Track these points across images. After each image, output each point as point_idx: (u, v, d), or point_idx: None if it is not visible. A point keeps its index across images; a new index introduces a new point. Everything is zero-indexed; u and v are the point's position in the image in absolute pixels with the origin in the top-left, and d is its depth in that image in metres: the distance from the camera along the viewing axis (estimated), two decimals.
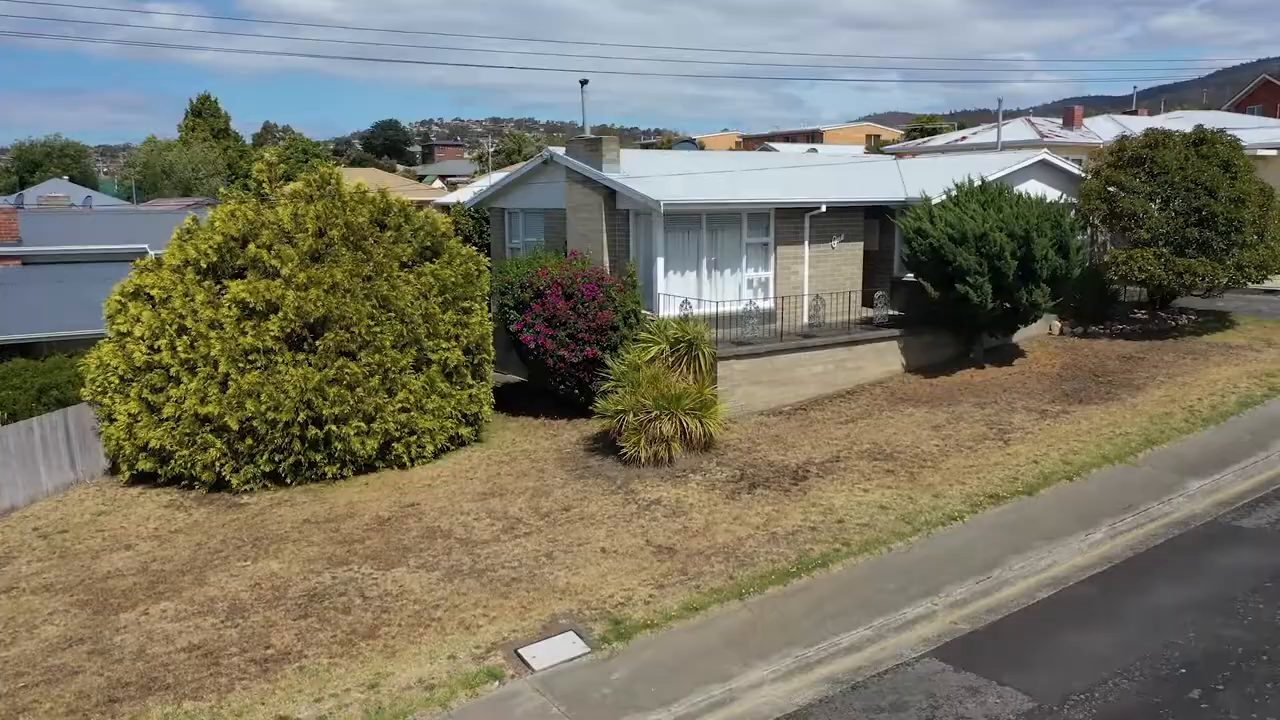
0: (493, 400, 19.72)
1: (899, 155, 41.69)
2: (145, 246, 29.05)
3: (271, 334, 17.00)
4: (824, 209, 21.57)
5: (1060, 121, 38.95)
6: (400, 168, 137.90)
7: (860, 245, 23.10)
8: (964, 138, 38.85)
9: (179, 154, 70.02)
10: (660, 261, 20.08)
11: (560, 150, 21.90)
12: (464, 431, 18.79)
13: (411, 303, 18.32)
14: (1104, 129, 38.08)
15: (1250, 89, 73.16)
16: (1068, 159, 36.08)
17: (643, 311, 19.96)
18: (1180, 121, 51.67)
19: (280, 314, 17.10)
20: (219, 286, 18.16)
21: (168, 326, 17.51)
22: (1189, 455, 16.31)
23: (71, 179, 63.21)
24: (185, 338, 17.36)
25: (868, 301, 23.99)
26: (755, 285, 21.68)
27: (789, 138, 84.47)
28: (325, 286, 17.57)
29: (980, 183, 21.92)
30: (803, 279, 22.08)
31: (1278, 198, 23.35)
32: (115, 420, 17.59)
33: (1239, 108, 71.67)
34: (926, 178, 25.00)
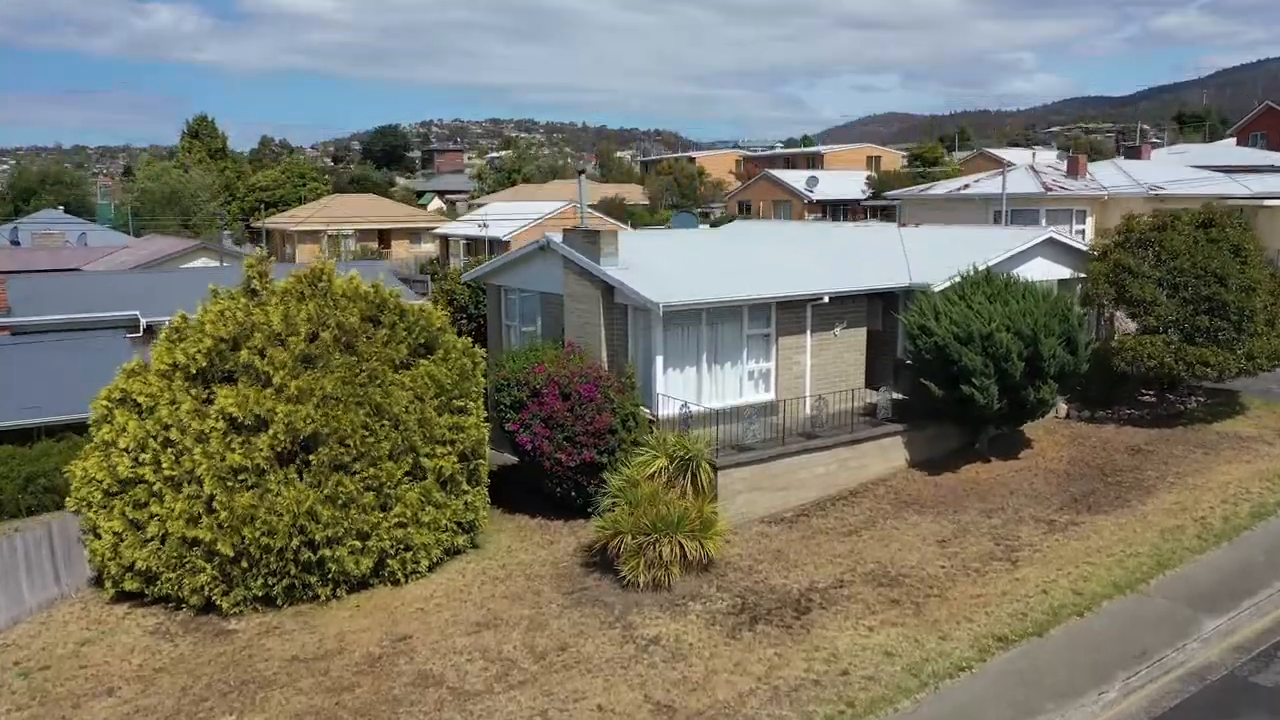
0: (488, 501, 19.29)
1: (901, 200, 41.31)
2: (137, 314, 28.70)
3: (262, 453, 16.59)
4: (826, 299, 21.15)
5: (1064, 169, 38.52)
6: (401, 181, 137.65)
7: (863, 330, 22.67)
8: (965, 185, 38.45)
9: (177, 178, 69.59)
10: (659, 360, 19.66)
11: (557, 237, 21.47)
12: (459, 540, 18.36)
13: (406, 408, 17.90)
14: (1108, 177, 37.72)
15: (1253, 115, 72.68)
16: (1073, 227, 35.76)
17: (641, 410, 19.55)
18: (1185, 158, 51.42)
19: (271, 432, 16.68)
20: (208, 392, 17.75)
21: (152, 439, 17.09)
22: (1202, 582, 15.88)
23: (66, 208, 62.77)
24: (170, 451, 16.94)
25: (871, 383, 23.59)
26: (756, 377, 21.26)
27: (790, 161, 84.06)
28: (317, 399, 17.15)
29: (986, 272, 21.48)
30: (805, 368, 21.65)
31: None
32: (100, 536, 17.18)
33: (1241, 134, 71.29)
34: (930, 248, 24.62)
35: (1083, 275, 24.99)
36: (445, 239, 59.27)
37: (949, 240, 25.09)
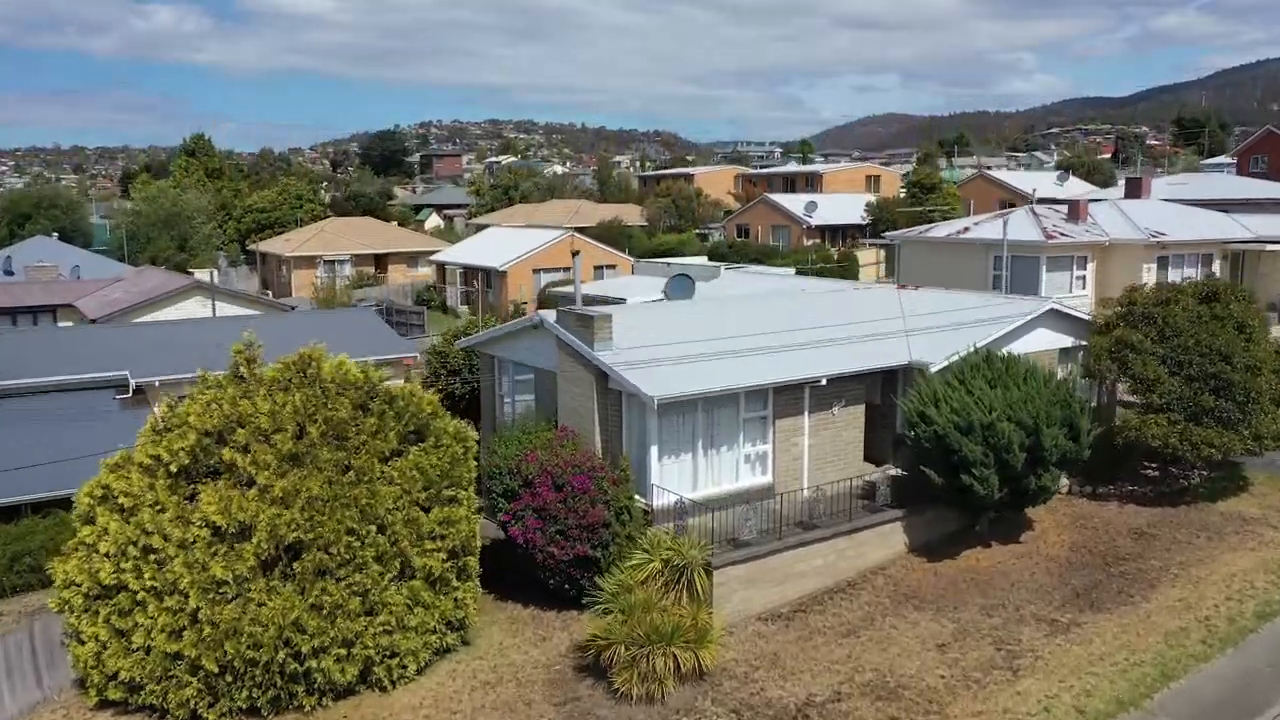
0: (479, 591, 18.92)
1: (900, 241, 40.93)
2: (126, 374, 28.29)
3: (246, 563, 16.24)
4: (824, 381, 20.80)
5: (1064, 212, 38.14)
6: (399, 193, 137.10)
7: (861, 408, 22.34)
8: (966, 229, 38.05)
9: (173, 199, 69.20)
10: (654, 449, 19.31)
11: (551, 316, 21.12)
12: (449, 639, 18.01)
13: (393, 508, 17.54)
14: (1109, 220, 37.35)
15: (1254, 139, 72.51)
16: (1074, 273, 35.44)
17: (636, 500, 19.21)
18: (1185, 190, 51.04)
19: (255, 541, 16.33)
20: (192, 488, 17.40)
21: (134, 546, 16.72)
22: (1207, 696, 15.55)
23: (61, 235, 62.36)
24: (153, 558, 16.59)
25: (871, 456, 23.27)
26: (753, 460, 20.92)
27: (789, 181, 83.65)
28: (302, 501, 16.79)
29: (986, 353, 21.14)
30: (803, 449, 21.32)
31: None
32: (84, 642, 16.83)
33: (1242, 156, 71.10)
34: (931, 310, 24.28)
35: (1084, 343, 24.70)
36: (442, 266, 58.87)
37: (949, 309, 24.71)
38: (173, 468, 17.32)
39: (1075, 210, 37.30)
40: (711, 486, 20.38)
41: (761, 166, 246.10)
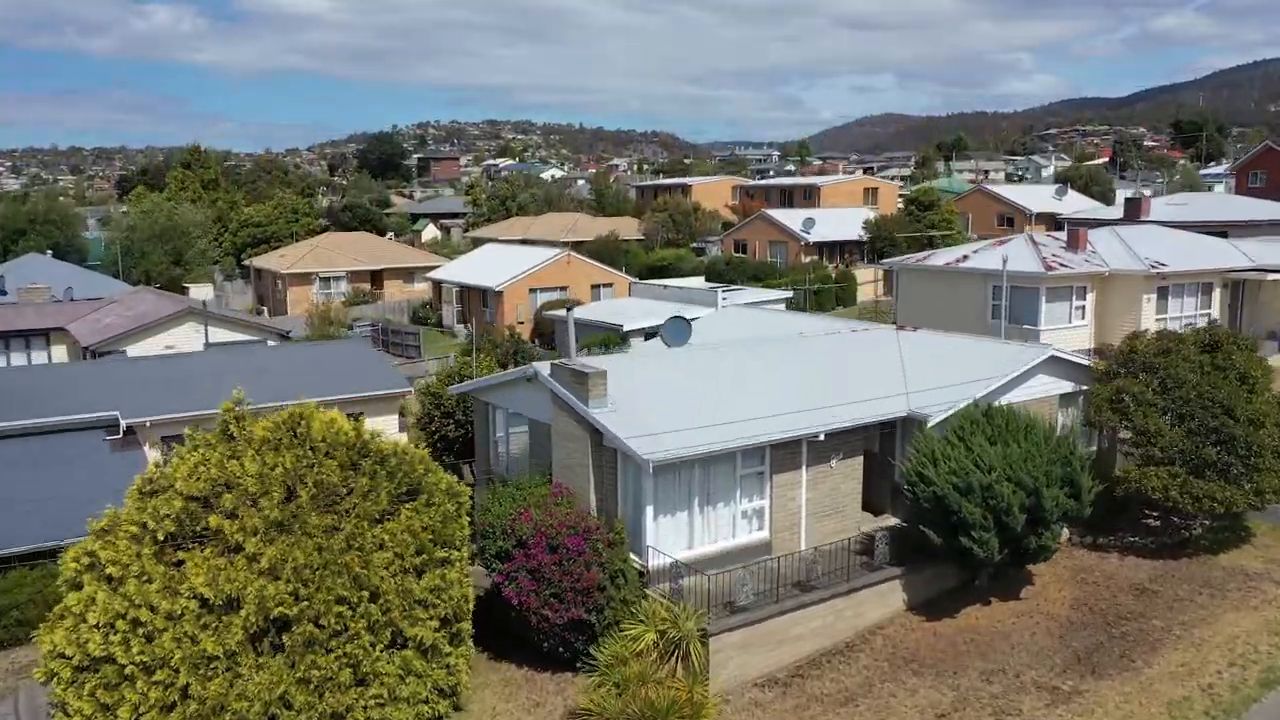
0: (472, 655, 18.65)
1: (899, 268, 40.67)
2: (116, 414, 27.95)
3: (235, 637, 15.95)
4: (822, 436, 20.55)
5: (1064, 240, 37.90)
6: (397, 201, 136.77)
7: (860, 459, 22.07)
8: (965, 257, 37.77)
9: (168, 213, 68.86)
10: (649, 510, 19.05)
11: (545, 369, 20.83)
12: (441, 707, 17.71)
13: (385, 575, 17.26)
14: (1108, 249, 37.10)
15: (1253, 154, 72.38)
16: (1073, 303, 35.17)
17: (631, 561, 18.96)
18: (1184, 211, 50.83)
19: (243, 614, 16.04)
20: (178, 554, 17.12)
21: (122, 618, 16.43)
22: None
23: (55, 251, 62.03)
24: (141, 631, 16.30)
25: (869, 503, 23.02)
26: (750, 515, 20.66)
27: (786, 194, 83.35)
28: (290, 572, 16.51)
29: (986, 408, 20.88)
30: (800, 503, 21.06)
31: None
32: (70, 716, 16.53)
33: (1242, 171, 70.93)
34: (929, 365, 24.01)
35: (1084, 387, 24.46)
36: (439, 285, 58.57)
37: (948, 354, 24.45)
38: (159, 535, 17.03)
39: (1074, 239, 37.06)
40: (708, 543, 20.12)
41: (759, 171, 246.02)
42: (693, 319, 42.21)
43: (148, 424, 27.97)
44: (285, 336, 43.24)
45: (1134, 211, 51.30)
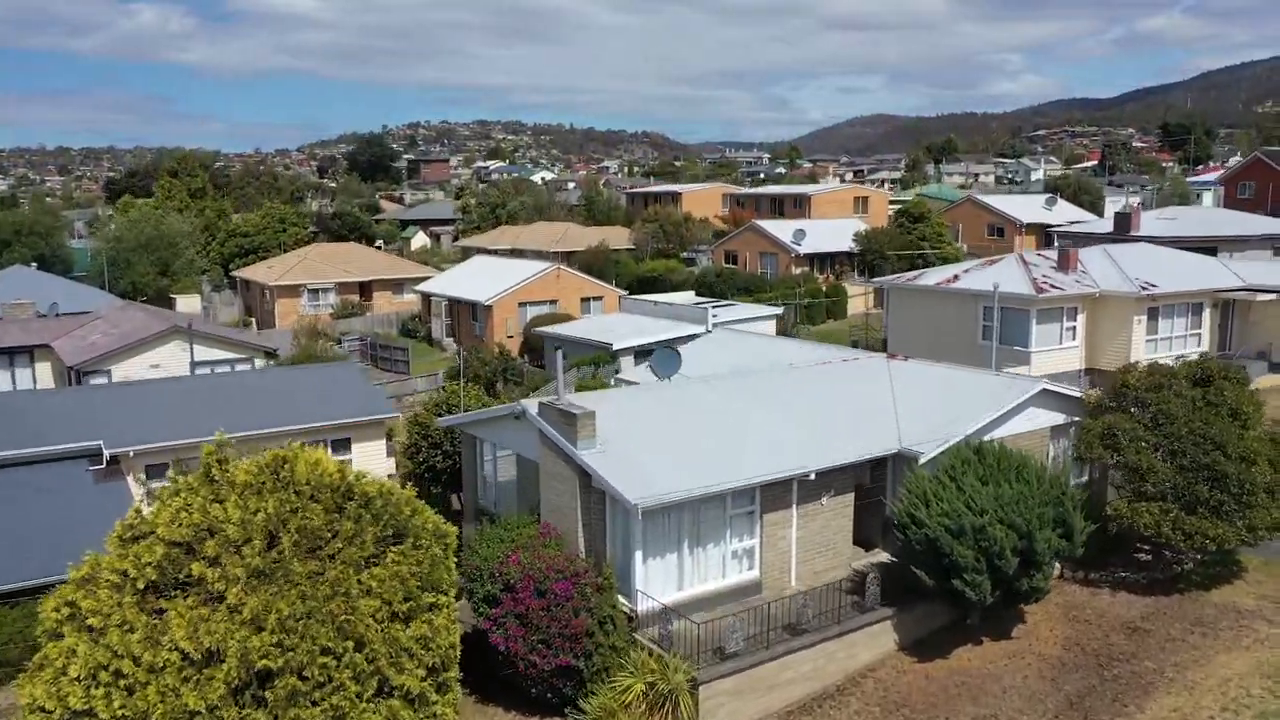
0: (459, 699, 18.42)
1: (889, 287, 40.56)
2: (100, 444, 27.59)
3: (218, 692, 15.70)
4: (813, 476, 20.38)
5: (1054, 260, 37.81)
6: (386, 207, 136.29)
7: (850, 495, 21.91)
8: (956, 277, 37.66)
9: (155, 223, 68.37)
10: (639, 554, 18.84)
11: (533, 408, 20.60)
12: None
13: (371, 623, 17.02)
14: (1098, 269, 37.03)
15: (1242, 164, 72.62)
16: (1064, 324, 35.08)
17: (620, 604, 18.76)
18: (1174, 225, 50.87)
19: (225, 667, 15.79)
20: (160, 601, 16.86)
21: (104, 670, 16.17)
22: None
23: (40, 263, 61.52)
24: (123, 683, 16.04)
25: (860, 538, 22.87)
26: (740, 555, 20.48)
27: (776, 203, 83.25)
28: (273, 623, 16.26)
29: (978, 445, 20.74)
30: (791, 542, 20.89)
31: None
32: None
33: (1231, 182, 71.10)
34: (921, 397, 23.90)
35: (1076, 418, 24.36)
36: (428, 297, 58.26)
37: (940, 386, 24.31)
38: (139, 584, 16.77)
39: (1065, 259, 36.98)
40: (698, 584, 19.94)
41: (749, 174, 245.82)
42: (684, 339, 42.09)
43: (131, 454, 27.66)
44: (272, 355, 42.90)
45: (1124, 226, 51.32)
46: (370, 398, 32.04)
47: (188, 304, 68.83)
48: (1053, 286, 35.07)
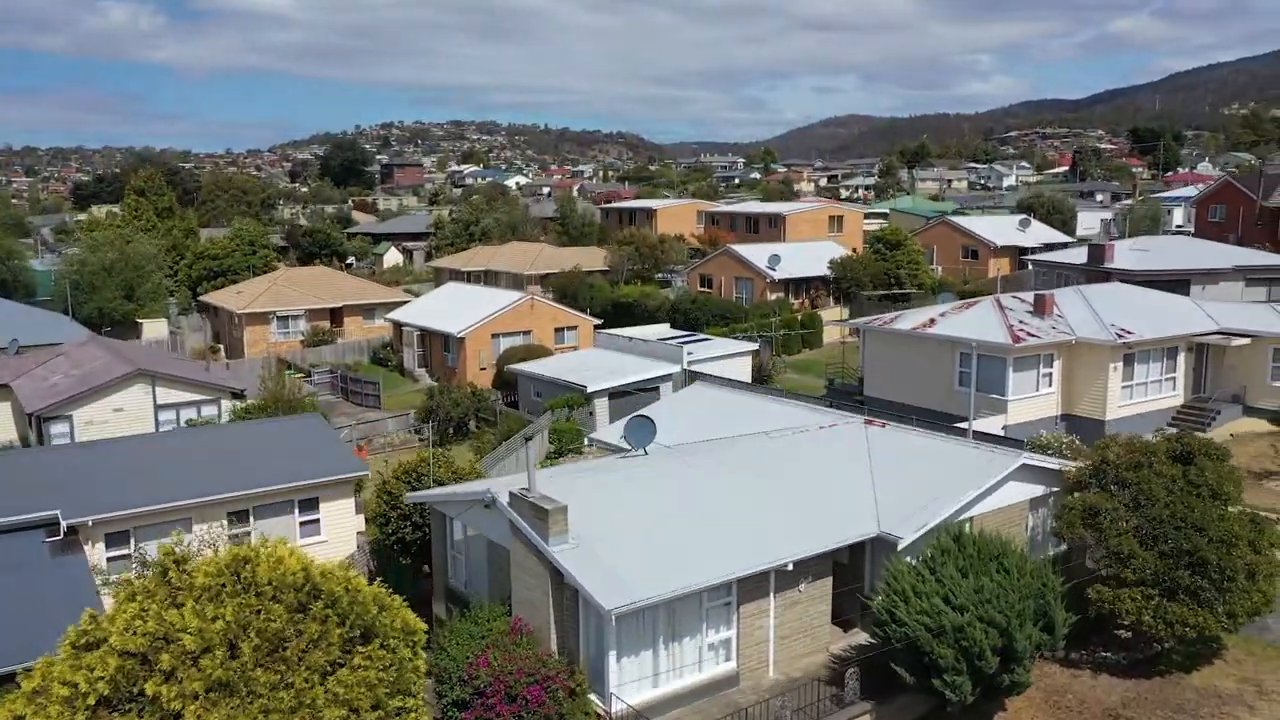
0: None
1: (865, 331, 40.27)
2: (56, 513, 26.68)
3: None
4: (790, 566, 19.97)
5: (1030, 303, 37.66)
6: (358, 219, 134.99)
7: (829, 579, 21.50)
8: (932, 320, 37.41)
9: (119, 247, 67.08)
10: (612, 655, 18.33)
11: (504, 497, 20.02)
12: None
13: None
14: (1075, 315, 36.94)
15: (1212, 188, 73.05)
16: (1040, 371, 34.91)
17: (592, 702, 18.27)
18: (1147, 259, 50.94)
19: None
20: (113, 719, 16.20)
21: None
22: None
23: (1, 290, 60.18)
24: None
25: (838, 616, 22.49)
26: (717, 646, 20.01)
27: (752, 222, 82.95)
28: None
29: (958, 532, 20.41)
30: (769, 631, 20.45)
31: (1266, 529, 22.00)
32: None
33: (1203, 205, 71.50)
34: (898, 471, 23.56)
35: (1055, 489, 24.15)
36: (399, 326, 57.47)
37: (918, 459, 23.93)
38: (90, 699, 16.11)
39: (1041, 305, 36.84)
40: (674, 679, 19.46)
41: (724, 179, 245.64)
42: (658, 380, 41.64)
43: (90, 523, 26.77)
44: (239, 395, 42.06)
45: (1098, 257, 51.42)
46: (338, 455, 31.31)
47: (154, 329, 67.70)
48: (1029, 334, 34.90)
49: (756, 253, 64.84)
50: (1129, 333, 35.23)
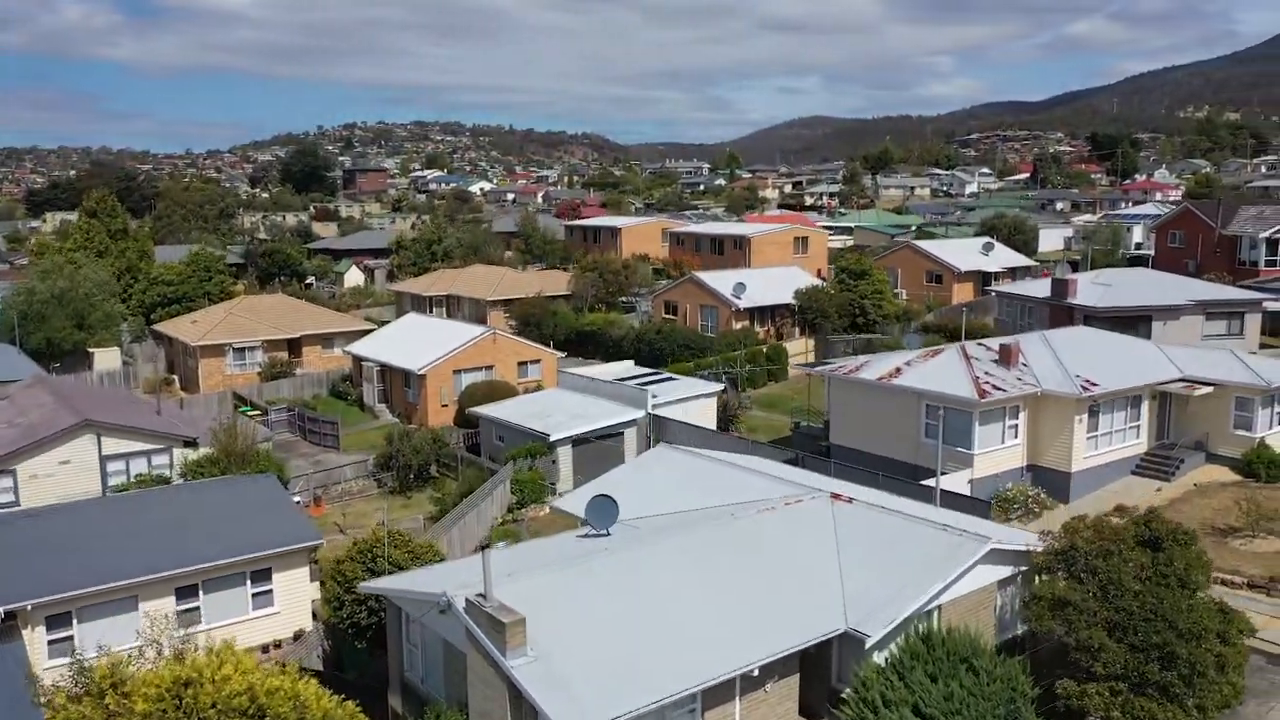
0: None
1: (830, 379, 39.92)
2: None
3: None
4: (756, 672, 19.46)
5: (996, 352, 37.48)
6: (319, 231, 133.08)
7: (796, 675, 21.04)
8: (898, 370, 37.04)
9: (69, 275, 65.35)
10: None
11: (460, 602, 19.29)
12: None
13: None
14: (1040, 364, 36.82)
15: (1172, 214, 73.79)
16: (1006, 423, 34.74)
17: None
18: (1109, 294, 51.13)
19: None
20: None
21: None
22: None
23: None
24: None
25: (805, 707, 22.03)
26: None
27: (717, 243, 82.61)
28: None
29: (927, 634, 20.02)
30: None
31: (1235, 619, 21.82)
32: None
33: (1161, 232, 72.11)
34: (865, 553, 23.14)
35: (1024, 568, 23.89)
36: (359, 360, 56.39)
37: (885, 542, 23.47)
38: None
39: (1006, 355, 36.66)
40: None
41: (689, 185, 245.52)
42: (623, 425, 41.06)
43: (29, 607, 25.63)
44: (191, 444, 40.90)
45: (1061, 292, 51.59)
46: (293, 523, 30.38)
47: (106, 359, 65.99)
48: (995, 388, 34.68)
49: (722, 280, 64.41)
50: (1094, 385, 35.12)
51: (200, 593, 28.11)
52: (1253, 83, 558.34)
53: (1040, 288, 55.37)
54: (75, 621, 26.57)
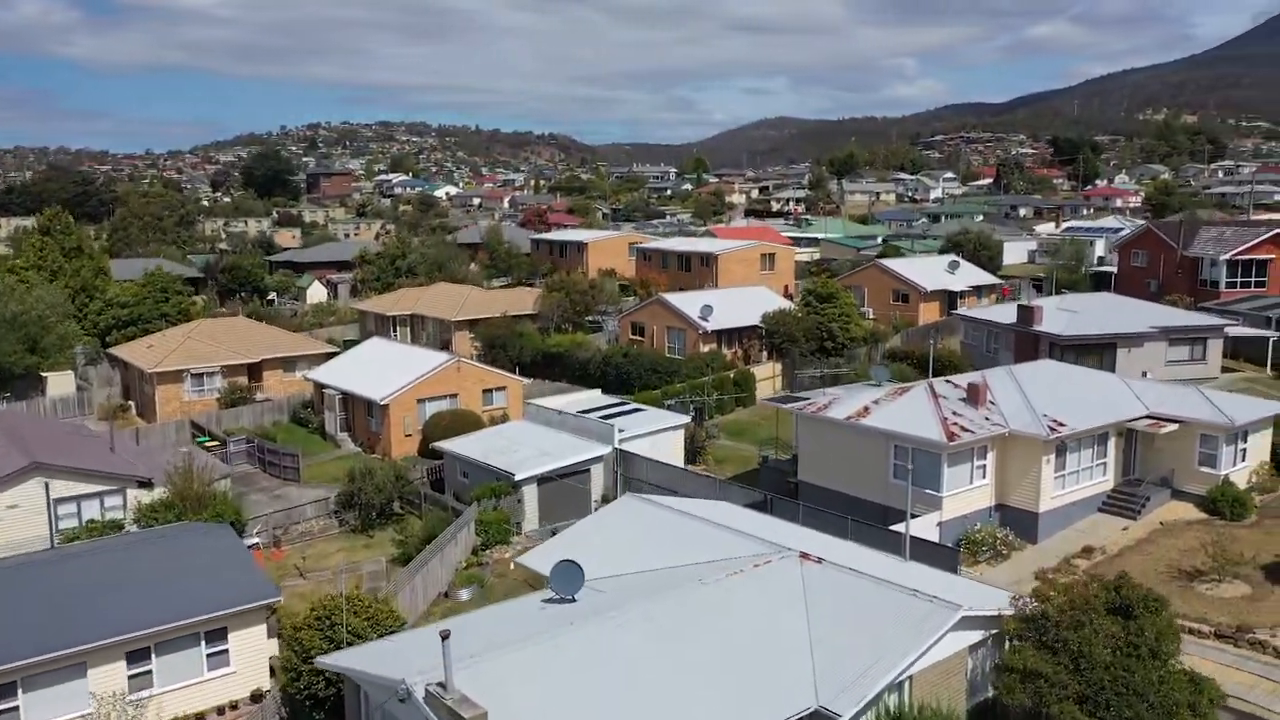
0: None
1: (798, 417, 39.58)
2: None
3: None
4: None
5: (964, 390, 37.35)
6: (282, 246, 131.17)
7: None
8: (866, 409, 36.78)
9: (20, 297, 63.70)
10: None
11: (420, 691, 18.69)
12: None
13: None
14: (1008, 403, 36.72)
15: (1134, 233, 74.49)
16: (974, 463, 34.55)
17: None
18: (1080, 322, 51.29)
19: None
20: None
21: None
22: None
23: None
24: None
25: None
26: None
27: (684, 260, 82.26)
28: None
29: (898, 714, 19.68)
30: None
31: (1206, 688, 21.69)
32: None
33: (1124, 251, 72.68)
34: (834, 619, 22.77)
35: (994, 631, 23.67)
36: (321, 387, 55.37)
37: (855, 607, 23.11)
38: None
39: (975, 394, 36.52)
40: None
41: (656, 190, 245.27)
42: (592, 461, 40.47)
43: None
44: (146, 484, 39.82)
45: (1027, 319, 51.73)
46: (250, 579, 29.49)
47: (60, 384, 64.39)
48: (963, 429, 34.51)
49: (689, 302, 64.00)
50: (1061, 425, 35.07)
51: (153, 655, 27.17)
52: (1210, 86, 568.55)
53: (1006, 313, 55.48)
54: (20, 691, 25.61)
